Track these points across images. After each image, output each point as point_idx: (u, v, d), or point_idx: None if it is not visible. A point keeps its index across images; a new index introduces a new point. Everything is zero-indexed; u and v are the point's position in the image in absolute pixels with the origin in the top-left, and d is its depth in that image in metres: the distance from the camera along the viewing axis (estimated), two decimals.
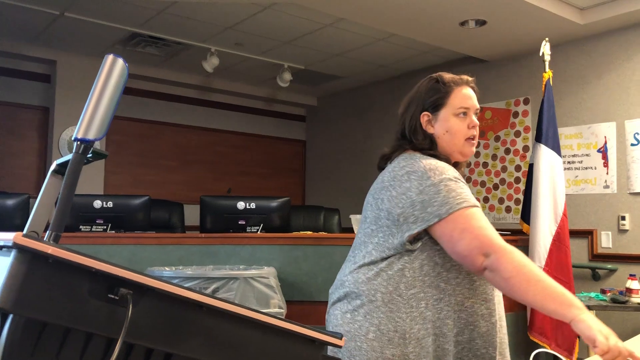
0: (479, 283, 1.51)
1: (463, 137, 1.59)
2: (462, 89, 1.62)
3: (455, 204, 1.44)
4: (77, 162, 0.72)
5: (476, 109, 1.62)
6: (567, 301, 1.35)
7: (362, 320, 1.49)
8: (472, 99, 1.62)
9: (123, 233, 3.32)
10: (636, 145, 4.55)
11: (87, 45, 5.67)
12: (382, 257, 1.51)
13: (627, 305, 3.82)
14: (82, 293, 0.67)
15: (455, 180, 1.49)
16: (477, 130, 1.62)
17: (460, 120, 1.59)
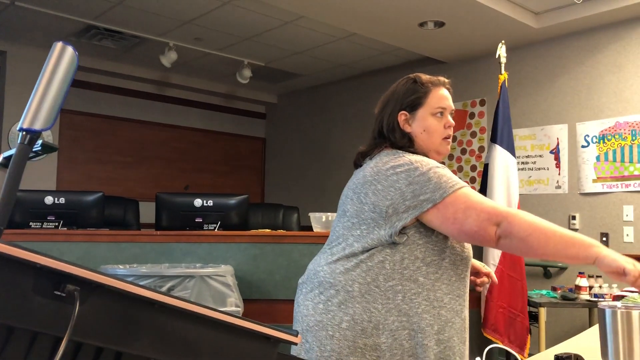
0: (455, 279, 1.54)
1: (440, 136, 1.64)
2: (439, 90, 1.67)
3: (448, 187, 1.47)
4: (23, 153, 0.69)
5: (451, 110, 1.68)
6: (587, 243, 1.39)
7: (336, 310, 1.50)
8: (448, 99, 1.68)
9: (75, 230, 3.23)
10: (586, 147, 4.70)
11: (39, 36, 5.49)
12: (363, 248, 1.52)
13: (576, 302, 3.94)
14: (26, 290, 0.65)
15: (442, 168, 1.54)
16: (452, 130, 1.68)
17: (437, 120, 1.64)
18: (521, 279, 3.70)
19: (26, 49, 5.74)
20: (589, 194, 4.66)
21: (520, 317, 3.66)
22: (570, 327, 4.54)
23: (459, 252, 1.55)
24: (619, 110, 4.56)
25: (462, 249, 1.56)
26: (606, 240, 4.53)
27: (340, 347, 1.46)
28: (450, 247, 1.53)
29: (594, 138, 4.66)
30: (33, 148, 0.72)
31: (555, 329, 4.61)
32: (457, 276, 1.54)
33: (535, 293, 4.15)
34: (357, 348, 1.45)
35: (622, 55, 4.57)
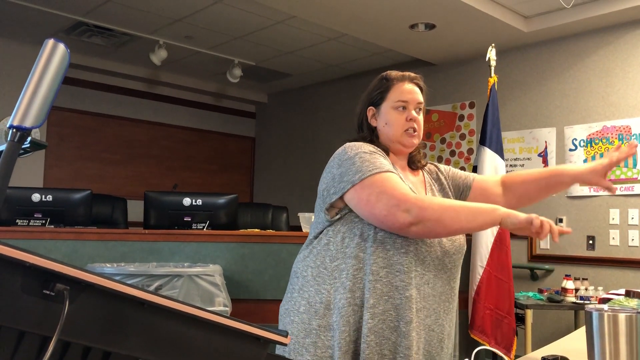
0: (392, 252, 1.52)
1: (401, 129, 1.65)
2: (404, 84, 1.69)
3: (367, 171, 1.52)
4: (12, 151, 0.68)
5: (417, 103, 1.68)
6: (490, 208, 1.47)
7: (297, 296, 1.60)
8: (412, 93, 1.68)
9: (63, 228, 3.21)
10: (574, 150, 4.74)
11: (28, 32, 5.45)
12: (314, 235, 1.64)
13: (562, 304, 3.97)
14: (14, 289, 0.64)
15: (370, 153, 1.58)
16: (418, 124, 1.67)
17: (399, 113, 1.66)
18: (508, 281, 3.72)
19: (14, 45, 5.69)
20: (576, 197, 4.70)
21: (507, 319, 3.68)
22: (556, 329, 4.58)
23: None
24: (606, 114, 4.60)
25: None
26: (592, 244, 4.57)
27: (298, 330, 1.55)
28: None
29: (582, 142, 4.70)
30: (22, 145, 0.72)
31: (541, 330, 4.65)
32: (396, 250, 1.52)
33: (522, 295, 4.17)
34: (312, 330, 1.53)
35: (610, 60, 4.61)
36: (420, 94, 1.70)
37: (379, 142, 1.68)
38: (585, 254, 4.61)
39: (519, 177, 1.74)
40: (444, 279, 1.59)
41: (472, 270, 3.72)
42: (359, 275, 1.53)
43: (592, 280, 4.38)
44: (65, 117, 6.24)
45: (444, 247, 1.59)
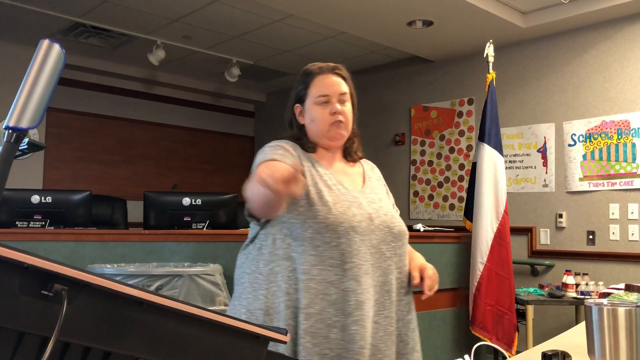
0: (323, 248, 1.50)
1: (326, 124, 1.63)
2: (323, 78, 1.65)
3: (257, 163, 1.54)
4: (9, 152, 0.68)
5: (340, 95, 1.64)
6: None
7: (237, 304, 1.58)
8: (332, 86, 1.64)
9: (62, 229, 3.20)
10: (573, 145, 4.74)
11: (25, 33, 5.44)
12: (249, 241, 1.63)
13: (563, 299, 3.97)
14: (12, 290, 0.64)
15: (274, 147, 1.59)
16: (344, 115, 1.64)
17: (322, 108, 1.63)
18: (509, 277, 3.73)
19: (12, 46, 5.69)
20: (576, 193, 4.70)
21: (508, 315, 3.69)
22: (557, 325, 4.58)
23: (322, 219, 1.51)
24: (605, 109, 4.60)
25: (327, 215, 1.51)
26: (593, 239, 4.57)
27: None
28: (311, 216, 1.51)
29: (581, 137, 4.70)
30: (19, 146, 0.72)
31: (542, 326, 4.65)
32: (327, 244, 1.49)
33: (522, 291, 4.18)
34: None
35: (609, 54, 4.61)
36: (344, 84, 1.67)
37: (307, 139, 1.66)
38: (586, 249, 4.61)
39: None
40: (383, 268, 1.56)
41: (472, 266, 3.72)
42: (293, 277, 1.50)
43: (593, 275, 4.39)
44: (64, 119, 6.23)
45: (379, 236, 1.57)
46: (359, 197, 1.61)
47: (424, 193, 5.79)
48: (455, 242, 3.86)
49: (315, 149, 1.66)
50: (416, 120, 5.91)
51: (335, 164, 1.68)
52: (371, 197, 1.65)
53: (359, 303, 1.49)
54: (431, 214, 5.71)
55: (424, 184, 5.81)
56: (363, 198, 1.62)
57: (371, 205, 1.61)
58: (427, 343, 3.62)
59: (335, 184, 1.60)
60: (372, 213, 1.58)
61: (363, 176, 1.71)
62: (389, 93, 6.20)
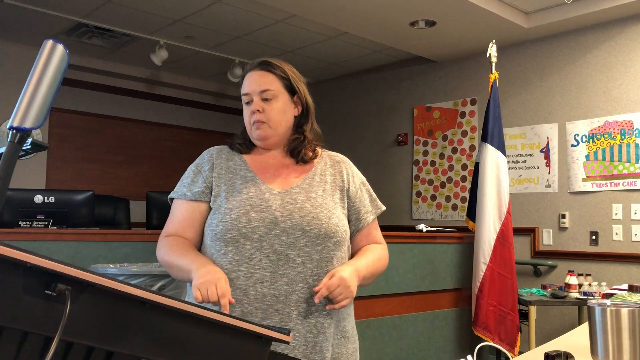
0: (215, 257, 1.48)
1: (249, 125, 1.59)
2: (248, 76, 1.60)
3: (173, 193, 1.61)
4: (13, 152, 0.68)
5: (261, 92, 1.55)
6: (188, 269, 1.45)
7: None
8: (252, 84, 1.56)
9: (65, 229, 3.21)
10: (576, 146, 4.73)
11: (29, 34, 5.45)
12: None
13: (565, 300, 3.97)
14: (16, 289, 0.64)
15: (192, 171, 1.62)
16: (266, 113, 1.55)
17: (247, 108, 1.60)
18: (511, 277, 3.72)
19: (15, 47, 5.70)
20: (579, 193, 4.69)
21: (510, 315, 3.68)
22: (560, 325, 4.57)
23: (213, 228, 1.49)
24: (608, 109, 4.59)
25: (218, 223, 1.47)
26: (596, 239, 4.56)
27: None
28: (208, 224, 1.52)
29: (584, 137, 4.69)
30: (23, 146, 0.72)
31: (545, 326, 4.64)
32: (218, 252, 1.47)
33: (525, 291, 4.17)
34: None
35: (612, 55, 4.60)
36: (270, 79, 1.56)
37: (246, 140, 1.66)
38: (589, 249, 4.60)
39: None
40: (291, 276, 1.44)
41: (475, 267, 3.72)
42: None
43: (596, 275, 4.38)
44: (67, 119, 6.24)
45: (286, 240, 1.45)
46: (271, 199, 1.49)
47: (427, 193, 5.79)
48: (458, 242, 3.86)
49: (250, 149, 1.64)
50: (419, 120, 5.90)
51: (268, 162, 1.60)
52: (295, 197, 1.51)
53: (244, 314, 1.41)
54: (434, 214, 5.70)
55: (427, 184, 5.80)
56: (280, 199, 1.50)
57: (285, 207, 1.48)
58: (430, 343, 3.62)
59: (249, 187, 1.52)
60: (280, 215, 1.46)
61: (306, 175, 1.58)
62: (392, 93, 6.19)
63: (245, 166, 1.59)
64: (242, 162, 1.60)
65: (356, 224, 1.62)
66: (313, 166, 1.61)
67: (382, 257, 1.64)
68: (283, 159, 1.61)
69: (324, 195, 1.55)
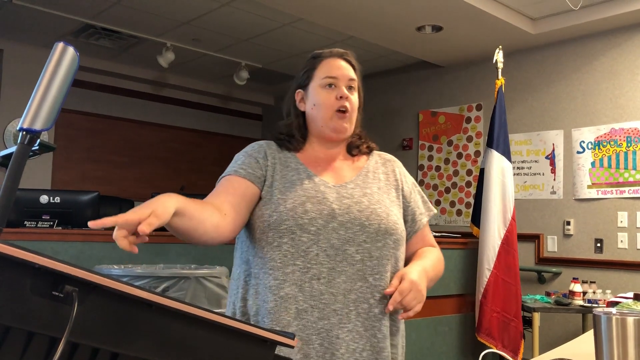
0: (267, 249, 1.37)
1: (331, 109, 1.45)
2: (332, 60, 1.53)
3: (224, 173, 1.48)
4: (22, 153, 0.69)
5: (349, 80, 1.49)
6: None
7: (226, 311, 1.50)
8: (341, 69, 1.50)
9: (70, 229, 3.22)
10: (582, 153, 4.72)
11: (37, 35, 5.48)
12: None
13: (569, 307, 3.95)
14: (23, 290, 0.64)
15: (244, 155, 1.50)
16: (350, 103, 1.47)
17: (327, 92, 1.47)
18: (515, 284, 3.71)
19: (23, 48, 5.73)
20: (584, 200, 4.68)
21: (514, 322, 3.67)
22: (564, 332, 4.55)
23: (266, 218, 1.37)
24: (614, 116, 4.58)
25: (271, 214, 1.37)
26: (600, 246, 4.55)
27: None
28: (259, 215, 1.39)
29: (590, 144, 4.68)
30: (32, 148, 0.72)
31: (548, 334, 4.63)
32: (269, 245, 1.36)
33: (529, 298, 4.16)
34: None
35: (618, 62, 4.59)
36: (352, 71, 1.53)
37: (305, 128, 1.52)
38: (593, 256, 4.58)
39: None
40: (349, 273, 1.35)
41: (479, 273, 3.71)
42: (248, 282, 1.40)
43: (600, 283, 4.36)
44: (73, 119, 6.27)
45: (344, 235, 1.36)
46: (327, 192, 1.41)
47: (431, 198, 5.78)
48: (462, 248, 3.85)
49: (302, 146, 1.51)
50: (424, 125, 5.90)
51: (318, 157, 1.51)
52: (351, 192, 1.44)
53: (299, 312, 1.32)
54: (438, 219, 5.70)
55: (431, 190, 5.80)
56: (335, 192, 1.42)
57: (342, 201, 1.40)
58: (433, 349, 3.61)
59: (303, 179, 1.44)
60: (338, 209, 1.38)
61: (359, 170, 1.52)
62: (397, 98, 6.19)
63: (296, 159, 1.49)
64: (292, 155, 1.51)
65: (412, 225, 1.54)
66: (365, 163, 1.54)
67: (441, 260, 1.61)
68: (337, 155, 1.52)
69: (379, 192, 1.48)
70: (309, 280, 1.33)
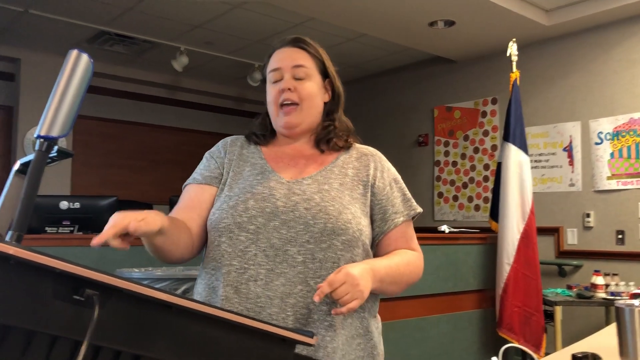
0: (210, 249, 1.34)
1: (275, 105, 1.39)
2: (278, 51, 1.43)
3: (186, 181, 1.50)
4: (40, 160, 0.70)
5: (294, 67, 1.39)
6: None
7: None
8: (285, 58, 1.40)
9: (91, 234, 3.25)
10: (600, 144, 4.66)
11: (53, 43, 5.55)
12: None
13: (592, 300, 3.91)
14: (46, 295, 0.65)
15: (207, 156, 1.52)
16: (298, 92, 1.38)
17: (273, 87, 1.39)
18: (536, 278, 3.68)
19: (40, 56, 5.80)
20: (604, 192, 4.62)
21: (535, 316, 3.64)
22: (587, 326, 4.50)
23: (210, 216, 1.36)
24: (633, 106, 4.52)
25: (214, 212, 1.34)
26: (622, 238, 4.49)
27: None
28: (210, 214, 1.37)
29: (608, 135, 4.62)
30: (50, 154, 0.73)
31: (571, 327, 4.58)
32: (212, 244, 1.33)
33: (550, 292, 4.12)
34: None
35: (635, 50, 4.52)
36: (303, 56, 1.42)
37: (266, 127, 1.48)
38: (615, 248, 4.53)
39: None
40: (289, 276, 1.25)
41: (498, 267, 3.68)
42: (200, 282, 1.39)
43: (623, 275, 4.30)
44: (90, 125, 6.33)
45: (286, 234, 1.27)
46: (276, 188, 1.33)
47: (449, 194, 5.75)
48: (481, 243, 3.82)
49: (269, 141, 1.47)
50: (439, 120, 5.87)
51: (285, 152, 1.43)
52: (305, 188, 1.33)
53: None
54: (456, 215, 5.66)
55: (449, 185, 5.76)
56: (286, 189, 1.33)
57: (290, 197, 1.31)
58: (453, 345, 3.59)
59: (255, 174, 1.38)
60: (283, 206, 1.29)
61: (324, 164, 1.41)
62: (412, 94, 6.17)
63: (259, 154, 1.44)
64: (257, 150, 1.46)
65: (381, 225, 1.39)
66: (334, 158, 1.43)
67: (412, 262, 1.39)
68: (304, 149, 1.44)
69: (340, 188, 1.35)
70: (246, 282, 1.25)
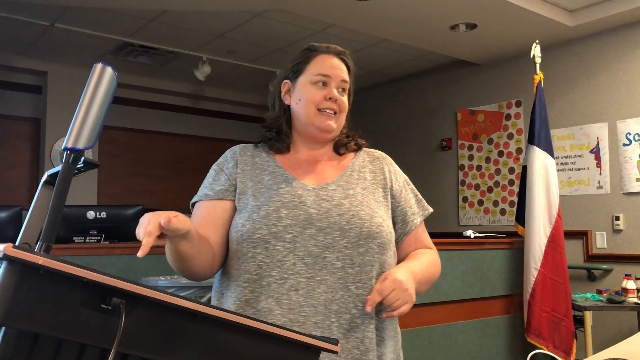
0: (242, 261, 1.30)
1: (315, 106, 1.38)
2: (327, 57, 1.43)
3: (195, 197, 1.45)
4: (67, 172, 0.71)
5: (341, 81, 1.42)
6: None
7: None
8: (335, 68, 1.42)
9: (117, 243, 3.30)
10: (628, 145, 4.57)
11: (78, 55, 5.65)
12: None
13: (623, 305, 3.83)
14: (74, 304, 0.67)
15: (214, 169, 1.46)
16: (340, 105, 1.41)
17: (317, 89, 1.40)
18: (564, 282, 3.62)
19: (66, 68, 5.91)
20: (633, 194, 4.53)
21: (564, 322, 3.58)
22: (618, 331, 4.41)
23: (239, 228, 1.31)
24: None
25: (244, 223, 1.30)
26: None
27: None
28: (233, 226, 1.33)
29: (636, 136, 4.54)
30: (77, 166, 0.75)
31: (602, 333, 4.49)
32: (244, 256, 1.28)
33: (579, 296, 4.04)
34: None
35: None
36: (347, 72, 1.45)
37: (290, 125, 1.45)
38: None
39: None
40: (330, 282, 1.25)
41: (525, 272, 3.63)
42: (224, 294, 1.34)
43: None
44: (115, 136, 6.43)
45: (323, 241, 1.27)
46: (304, 195, 1.33)
47: (474, 198, 5.69)
48: (508, 247, 3.78)
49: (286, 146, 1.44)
50: (463, 124, 5.83)
51: (299, 159, 1.43)
52: (332, 193, 1.34)
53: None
54: (481, 219, 5.61)
55: (473, 189, 5.71)
56: (314, 195, 1.33)
57: (321, 204, 1.31)
58: (481, 351, 3.55)
59: (279, 182, 1.36)
60: (316, 213, 1.29)
61: (342, 169, 1.43)
62: (434, 98, 6.14)
63: (274, 162, 1.42)
64: (270, 158, 1.43)
65: (403, 226, 1.44)
66: (350, 161, 1.46)
67: (435, 262, 1.46)
68: (318, 155, 1.45)
69: (364, 192, 1.38)
70: (287, 292, 1.24)
